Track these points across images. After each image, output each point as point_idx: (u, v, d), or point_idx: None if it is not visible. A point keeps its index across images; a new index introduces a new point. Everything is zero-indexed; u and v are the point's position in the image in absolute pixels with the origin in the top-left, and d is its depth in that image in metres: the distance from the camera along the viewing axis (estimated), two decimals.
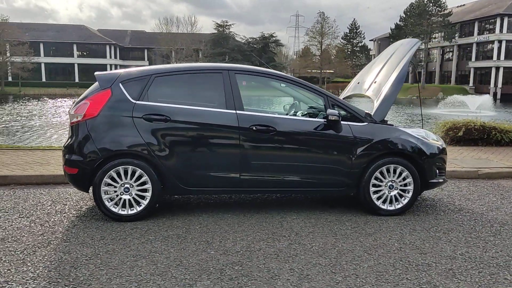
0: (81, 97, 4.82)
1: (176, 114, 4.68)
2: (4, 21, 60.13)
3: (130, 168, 4.60)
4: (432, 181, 5.22)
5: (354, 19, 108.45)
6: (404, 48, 5.64)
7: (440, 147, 5.34)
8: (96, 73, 4.91)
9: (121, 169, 4.59)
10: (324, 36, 77.60)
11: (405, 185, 5.09)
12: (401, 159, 5.06)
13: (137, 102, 4.67)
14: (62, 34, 67.72)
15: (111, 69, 68.65)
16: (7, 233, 4.24)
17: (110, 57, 69.42)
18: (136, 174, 4.62)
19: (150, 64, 74.37)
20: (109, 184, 4.59)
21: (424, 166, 5.11)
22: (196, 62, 67.88)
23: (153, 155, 4.61)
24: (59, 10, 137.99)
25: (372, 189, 5.03)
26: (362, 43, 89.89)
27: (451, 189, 6.42)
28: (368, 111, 5.20)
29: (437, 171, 5.26)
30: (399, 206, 5.10)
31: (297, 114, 5.37)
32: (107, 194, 4.59)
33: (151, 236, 4.24)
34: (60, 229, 4.39)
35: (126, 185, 4.62)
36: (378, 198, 5.06)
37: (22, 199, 5.41)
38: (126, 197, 4.63)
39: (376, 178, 5.02)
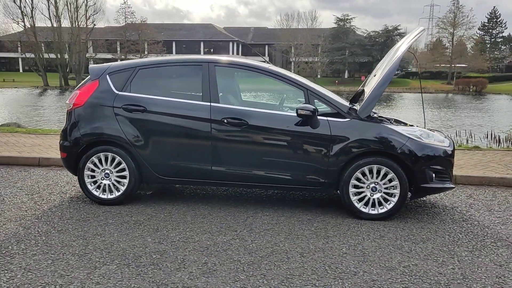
0: (76, 87, 5.27)
1: (152, 105, 4.87)
2: (143, 22, 66.55)
3: (110, 155, 4.92)
4: (425, 185, 4.67)
5: (494, 7, 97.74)
6: (407, 38, 5.11)
7: (442, 149, 4.75)
8: (90, 65, 5.32)
9: (102, 155, 4.93)
10: (457, 27, 71.74)
11: (391, 188, 4.64)
12: (386, 160, 4.62)
13: (119, 93, 4.97)
14: (192, 33, 72.75)
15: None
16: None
17: (233, 53, 72.64)
18: (116, 161, 4.92)
19: (270, 60, 76.21)
20: (91, 169, 4.96)
21: (414, 169, 4.60)
22: (314, 57, 67.98)
23: (129, 144, 4.86)
24: (193, 10, 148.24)
25: (352, 190, 4.68)
26: (504, 34, 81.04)
27: (478, 198, 5.65)
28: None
29: (433, 175, 4.69)
30: (383, 210, 4.67)
31: (284, 108, 5.20)
32: (90, 178, 4.97)
33: (112, 220, 4.51)
34: (45, 207, 4.88)
35: (106, 171, 4.95)
36: (360, 200, 4.69)
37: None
38: (106, 182, 4.96)
39: (358, 179, 4.66)
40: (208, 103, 4.82)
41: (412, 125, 5.52)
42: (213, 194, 5.58)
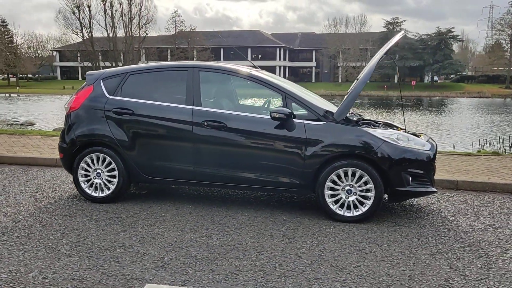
0: (75, 92, 5.64)
1: (139, 108, 5.15)
2: (192, 30, 68.37)
3: (101, 156, 5.24)
4: (402, 189, 4.63)
5: None
6: (387, 44, 5.10)
7: (421, 153, 4.70)
8: (87, 72, 5.69)
9: (94, 156, 5.26)
10: None
11: (366, 190, 4.63)
12: (360, 162, 4.63)
13: (111, 97, 5.28)
14: (240, 40, 73.79)
15: (279, 70, 72.21)
16: None
17: (280, 59, 72.93)
18: (106, 161, 5.23)
19: (317, 65, 75.84)
20: (85, 169, 5.29)
21: (389, 172, 4.58)
22: (362, 62, 66.86)
23: (118, 145, 5.15)
24: (242, 17, 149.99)
25: (327, 192, 4.72)
26: None
27: (472, 203, 5.49)
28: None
29: (410, 178, 4.63)
30: (358, 213, 4.67)
31: (266, 111, 5.30)
32: (83, 177, 5.30)
33: (96, 216, 4.79)
34: (42, 203, 5.26)
35: (98, 171, 5.26)
36: (336, 203, 4.72)
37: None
38: (97, 181, 5.28)
39: (333, 182, 4.70)
40: (191, 107, 5.03)
41: (404, 129, 5.48)
42: (203, 194, 5.77)
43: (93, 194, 5.28)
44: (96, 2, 68.84)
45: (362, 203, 4.67)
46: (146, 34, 61.91)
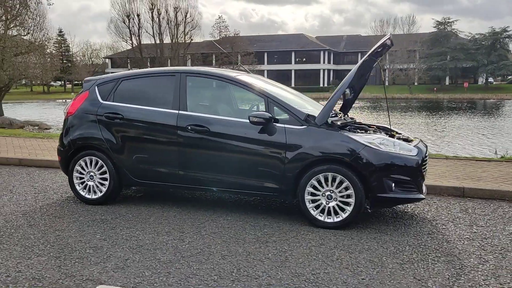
0: (73, 98, 5.86)
1: (128, 113, 5.27)
2: (236, 35, 69.12)
3: (93, 159, 5.40)
4: (383, 195, 4.47)
5: None
6: (373, 47, 4.99)
7: (406, 159, 4.52)
8: (85, 78, 5.89)
9: (87, 159, 5.43)
10: None
11: (347, 196, 4.51)
12: (340, 168, 4.51)
13: (103, 102, 5.44)
14: (283, 44, 73.77)
15: (323, 74, 71.56)
16: None
17: (324, 62, 72.19)
18: (98, 164, 5.39)
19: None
20: (79, 172, 5.48)
21: (370, 178, 4.43)
22: (410, 64, 65.05)
23: (109, 149, 5.30)
24: (287, 21, 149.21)
25: (308, 197, 4.63)
26: None
27: (472, 212, 5.21)
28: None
29: (393, 185, 4.46)
30: (338, 219, 4.55)
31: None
32: (78, 179, 5.49)
33: (83, 218, 4.94)
34: (39, 204, 5.48)
35: (91, 173, 5.43)
36: (316, 208, 4.62)
37: None
38: (91, 183, 5.44)
39: (314, 187, 4.60)
40: (177, 111, 5.09)
41: (399, 133, 5.31)
42: (196, 198, 5.81)
43: (87, 196, 5.45)
44: (145, 10, 70.95)
45: (342, 209, 4.54)
46: (191, 40, 63.15)
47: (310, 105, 5.33)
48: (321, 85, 71.44)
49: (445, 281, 3.40)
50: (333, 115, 5.22)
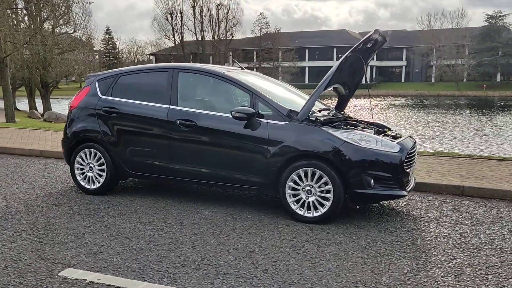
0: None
1: (123, 107, 5.49)
2: (277, 31, 69.08)
3: (92, 151, 5.67)
4: (361, 191, 4.45)
5: None
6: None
7: (386, 155, 4.48)
8: (87, 74, 6.16)
9: (87, 151, 5.70)
10: None
11: (326, 191, 4.52)
12: (319, 163, 4.53)
13: (102, 96, 5.69)
14: (325, 40, 72.99)
15: (366, 71, 70.05)
16: None
17: None
18: (97, 156, 5.65)
19: (408, 64, 72.57)
20: (80, 163, 5.76)
21: (348, 173, 4.43)
22: (458, 60, 62.69)
23: (106, 141, 5.55)
24: (331, 17, 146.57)
25: (288, 192, 4.69)
26: None
27: (465, 210, 5.09)
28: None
29: (372, 181, 4.44)
30: (318, 214, 4.58)
31: None
32: (78, 170, 5.77)
33: (78, 206, 5.21)
34: (44, 193, 5.81)
35: (90, 165, 5.70)
36: (297, 202, 4.67)
37: None
38: (90, 174, 5.71)
39: (294, 182, 4.65)
40: (168, 106, 5.26)
41: (391, 129, 5.27)
42: (194, 190, 5.97)
43: (86, 186, 5.73)
44: (187, 8, 72.22)
45: (322, 204, 4.56)
46: (232, 36, 63.70)
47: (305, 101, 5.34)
48: (363, 82, 70.05)
49: (402, 276, 3.38)
50: (321, 111, 5.24)
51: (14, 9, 33.08)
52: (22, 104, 37.43)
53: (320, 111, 5.28)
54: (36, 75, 32.04)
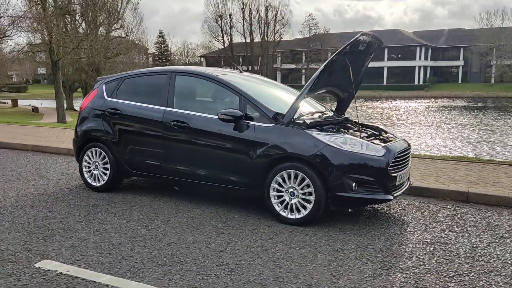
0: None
1: (124, 109, 5.73)
2: (326, 32, 68.44)
3: (98, 150, 5.95)
4: (342, 194, 4.41)
5: None
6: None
7: (370, 158, 4.42)
8: (97, 78, 6.46)
9: (93, 150, 5.99)
10: None
11: (308, 194, 4.52)
12: (301, 165, 4.53)
13: (108, 99, 5.96)
14: None
15: (419, 71, 67.99)
16: None
17: (420, 58, 68.58)
18: (101, 155, 5.93)
19: (465, 64, 69.56)
20: (87, 161, 6.06)
21: (329, 176, 4.40)
22: None
23: (109, 141, 5.81)
24: (384, 16, 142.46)
25: (273, 193, 4.72)
26: None
27: (461, 217, 4.90)
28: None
29: (353, 184, 4.38)
30: (300, 216, 4.59)
31: None
32: (86, 168, 6.08)
33: (79, 202, 5.49)
34: (54, 189, 6.15)
35: (96, 163, 5.99)
36: (281, 204, 4.69)
37: None
38: (95, 172, 6.00)
39: (279, 183, 4.68)
40: (164, 108, 5.44)
41: (387, 132, 5.19)
42: (193, 191, 6.11)
43: (92, 183, 6.02)
44: (236, 10, 73.10)
45: (304, 207, 4.56)
46: (281, 38, 63.78)
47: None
48: (416, 82, 68.13)
49: (360, 279, 3.34)
50: (314, 113, 5.24)
51: (72, 15, 34.92)
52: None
53: (312, 113, 5.27)
54: (91, 77, 33.77)
